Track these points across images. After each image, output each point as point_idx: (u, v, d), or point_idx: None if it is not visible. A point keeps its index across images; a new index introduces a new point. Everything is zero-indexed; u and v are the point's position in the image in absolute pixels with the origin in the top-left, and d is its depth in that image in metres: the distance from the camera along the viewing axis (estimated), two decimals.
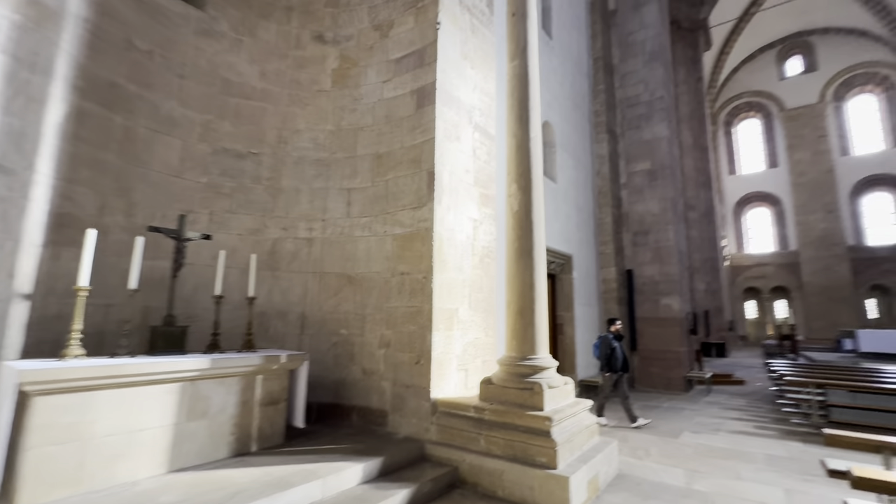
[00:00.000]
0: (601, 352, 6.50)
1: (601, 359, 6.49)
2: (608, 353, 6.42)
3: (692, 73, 20.99)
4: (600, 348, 6.54)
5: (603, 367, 6.47)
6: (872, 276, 25.35)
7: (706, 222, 19.54)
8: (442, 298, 4.39)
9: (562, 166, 8.57)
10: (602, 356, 6.47)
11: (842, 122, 27.41)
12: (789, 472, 4.19)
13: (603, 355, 6.46)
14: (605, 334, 6.66)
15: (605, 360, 6.43)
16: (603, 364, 6.47)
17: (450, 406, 4.08)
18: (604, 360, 6.44)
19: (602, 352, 6.48)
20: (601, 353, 6.50)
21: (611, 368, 6.39)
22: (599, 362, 6.56)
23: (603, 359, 6.46)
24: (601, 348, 6.52)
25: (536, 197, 4.30)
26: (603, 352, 6.46)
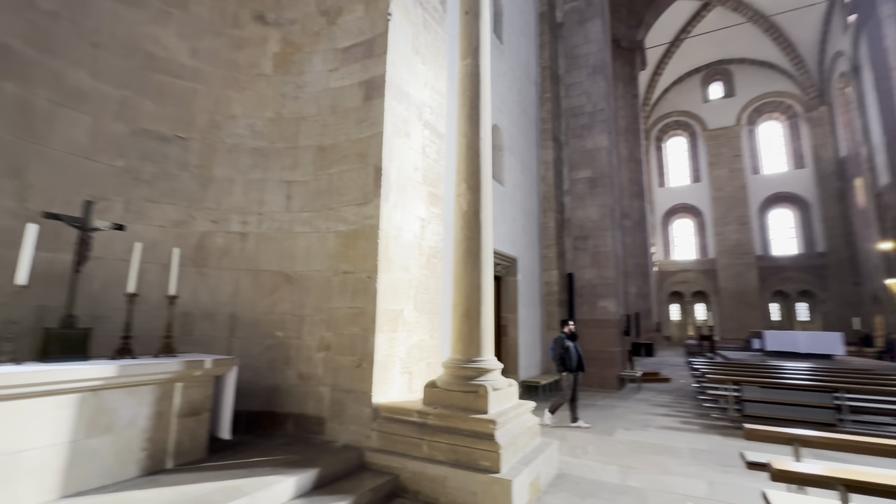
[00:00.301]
0: (555, 352, 6.56)
1: (556, 359, 6.55)
2: (562, 353, 6.49)
3: (629, 89, 22.34)
4: (555, 349, 6.60)
5: (559, 367, 6.52)
6: (775, 282, 28.46)
7: (638, 230, 20.85)
8: (387, 299, 4.23)
9: (509, 170, 8.70)
10: (556, 357, 6.54)
11: (754, 144, 30.57)
12: (711, 465, 4.48)
13: (557, 356, 6.53)
14: (559, 335, 6.73)
15: (559, 361, 6.49)
16: (558, 364, 6.52)
17: (392, 411, 3.92)
18: (558, 360, 6.51)
19: (556, 352, 6.55)
20: (555, 354, 6.56)
21: (566, 368, 6.44)
22: (556, 363, 6.61)
23: (557, 359, 6.52)
24: (555, 349, 6.58)
25: (485, 197, 4.27)
26: (557, 352, 6.53)
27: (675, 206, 32.14)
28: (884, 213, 21.39)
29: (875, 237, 22.23)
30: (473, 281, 4.06)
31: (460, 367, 3.90)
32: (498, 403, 3.78)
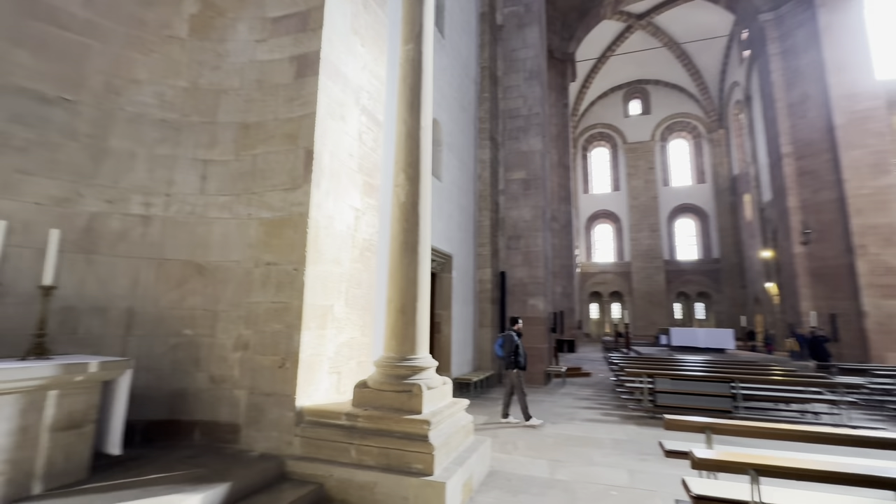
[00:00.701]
0: (507, 349, 6.47)
1: (507, 356, 6.47)
2: (513, 350, 6.45)
3: (560, 98, 23.46)
4: (505, 346, 6.52)
5: (509, 364, 6.45)
6: (679, 284, 31.65)
7: (565, 233, 22.00)
8: (315, 294, 3.90)
9: (447, 166, 8.63)
10: (507, 354, 6.47)
11: (665, 159, 33.72)
12: (631, 454, 4.73)
13: (508, 353, 6.46)
14: (509, 332, 6.68)
15: (512, 358, 6.44)
16: (509, 362, 6.45)
17: (318, 414, 3.62)
18: (510, 357, 6.45)
19: (507, 349, 6.48)
20: (507, 351, 6.47)
21: (517, 365, 6.44)
22: (504, 360, 6.53)
23: (509, 356, 6.45)
24: (506, 346, 6.50)
25: (424, 189, 4.11)
26: (508, 349, 6.46)
27: (598, 212, 34.46)
28: (765, 225, 24.69)
29: (758, 246, 25.59)
30: (410, 275, 3.88)
31: (393, 366, 3.71)
32: (432, 402, 3.65)
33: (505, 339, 6.62)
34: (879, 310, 15.54)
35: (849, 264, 16.17)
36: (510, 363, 6.45)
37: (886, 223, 15.89)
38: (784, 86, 18.60)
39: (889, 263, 15.64)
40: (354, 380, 4.33)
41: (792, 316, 18.43)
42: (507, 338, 6.60)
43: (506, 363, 6.54)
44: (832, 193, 16.88)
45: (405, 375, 3.65)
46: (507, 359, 6.48)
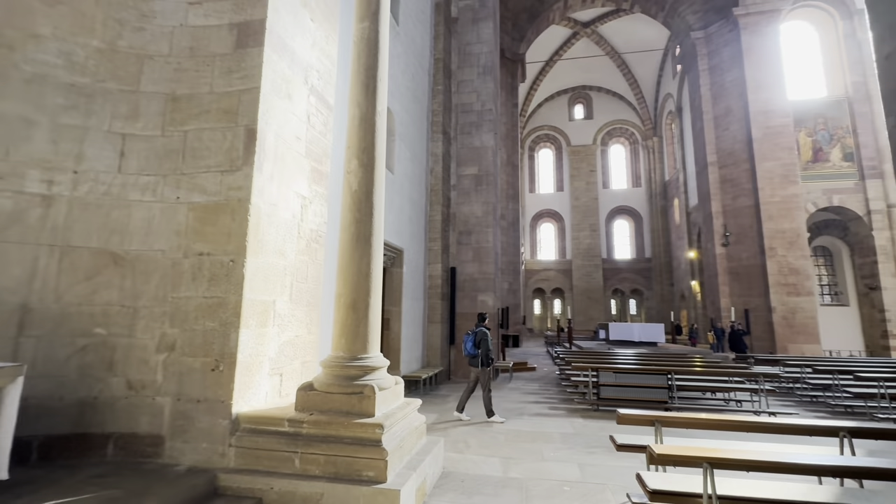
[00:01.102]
0: (483, 346, 6.31)
1: (483, 353, 6.31)
2: (488, 349, 6.32)
3: (510, 98, 23.84)
4: (479, 343, 6.34)
5: (484, 361, 6.31)
6: (615, 282, 33.56)
7: (512, 230, 22.43)
8: (255, 288, 3.53)
9: (400, 158, 8.37)
10: (484, 351, 6.32)
11: (605, 162, 35.52)
12: (579, 448, 4.81)
13: (484, 350, 6.31)
14: (482, 328, 6.50)
15: (486, 356, 6.31)
16: (484, 358, 6.31)
17: (257, 421, 3.28)
18: (485, 354, 6.32)
19: (483, 346, 6.32)
20: (483, 348, 6.30)
21: (488, 363, 6.32)
22: (478, 358, 6.34)
23: (484, 353, 6.32)
24: (482, 343, 6.33)
25: (378, 177, 3.86)
26: (484, 347, 6.32)
27: (542, 211, 35.61)
28: (691, 228, 26.81)
29: (685, 247, 27.75)
30: (362, 269, 3.63)
31: (343, 366, 3.44)
32: (384, 404, 3.43)
33: (479, 335, 6.45)
34: (784, 305, 17.35)
35: (761, 264, 17.88)
36: (483, 360, 6.33)
37: (791, 228, 17.74)
38: (711, 99, 20.16)
39: (793, 264, 17.49)
40: (299, 382, 4.00)
41: (712, 311, 20.15)
42: (481, 334, 6.43)
43: (482, 361, 6.36)
44: (749, 200, 18.56)
45: (356, 376, 3.41)
46: (482, 356, 6.33)
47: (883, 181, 19.74)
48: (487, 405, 6.20)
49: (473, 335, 6.50)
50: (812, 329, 17.03)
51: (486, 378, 6.31)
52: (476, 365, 6.37)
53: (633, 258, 33.65)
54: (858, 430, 3.05)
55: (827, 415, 6.62)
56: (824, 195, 20.32)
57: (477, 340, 6.39)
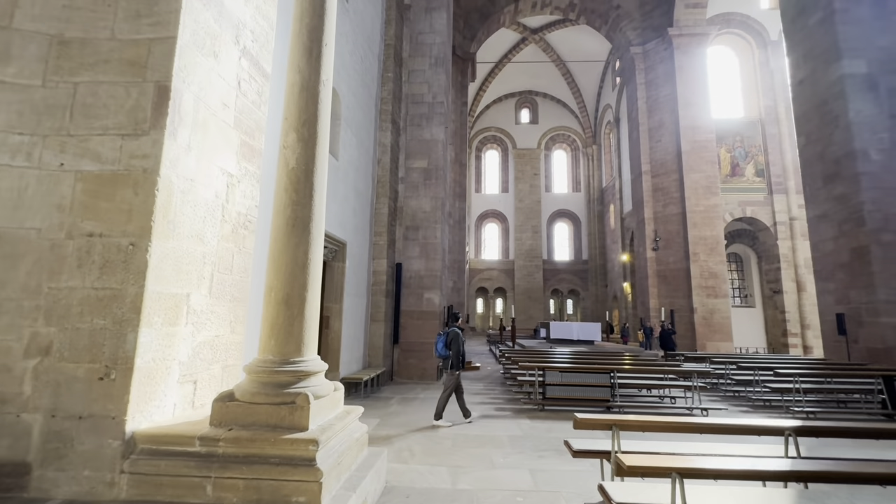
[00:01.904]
0: (455, 348, 5.95)
1: (455, 355, 5.96)
2: (459, 351, 5.99)
3: (460, 96, 23.73)
4: (452, 344, 5.98)
5: (455, 364, 5.96)
6: (554, 282, 34.78)
7: (458, 229, 22.34)
8: (163, 278, 2.92)
9: (345, 144, 7.80)
10: (455, 353, 5.96)
11: (548, 167, 36.70)
12: (529, 452, 4.63)
13: (456, 352, 5.96)
14: (454, 329, 6.13)
15: (457, 358, 5.96)
16: (455, 361, 5.96)
17: (159, 440, 2.69)
18: (456, 356, 5.96)
19: (455, 348, 5.97)
20: (455, 350, 5.95)
21: (460, 365, 5.99)
22: (449, 360, 6.01)
23: (455, 355, 5.96)
24: (454, 344, 5.97)
25: (321, 154, 3.38)
26: (455, 347, 5.97)
27: (487, 212, 36.05)
28: (625, 233, 28.40)
29: (619, 250, 29.35)
30: (299, 259, 3.14)
31: (272, 371, 2.94)
32: (321, 415, 2.98)
33: (450, 335, 6.07)
34: (704, 307, 18.76)
35: (685, 268, 19.21)
36: (453, 362, 5.99)
37: (712, 235, 19.22)
38: (647, 112, 21.37)
39: (712, 269, 18.96)
40: (218, 390, 3.42)
41: (642, 311, 21.40)
42: (452, 334, 6.07)
43: (453, 363, 6.02)
44: (677, 208, 19.86)
45: (287, 383, 2.92)
46: (453, 357, 5.98)
47: (787, 196, 22.07)
48: (440, 407, 5.91)
49: (445, 335, 6.16)
50: (726, 328, 18.59)
51: (453, 381, 6.01)
52: (452, 368, 6.05)
53: (571, 260, 35.07)
54: (802, 429, 3.09)
55: (749, 409, 7.05)
56: (739, 206, 22.34)
57: (448, 341, 6.06)
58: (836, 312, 10.37)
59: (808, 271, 21.71)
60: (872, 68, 10.43)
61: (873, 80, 10.39)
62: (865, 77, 10.47)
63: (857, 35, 10.71)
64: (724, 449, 3.22)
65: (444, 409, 5.90)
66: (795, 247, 21.72)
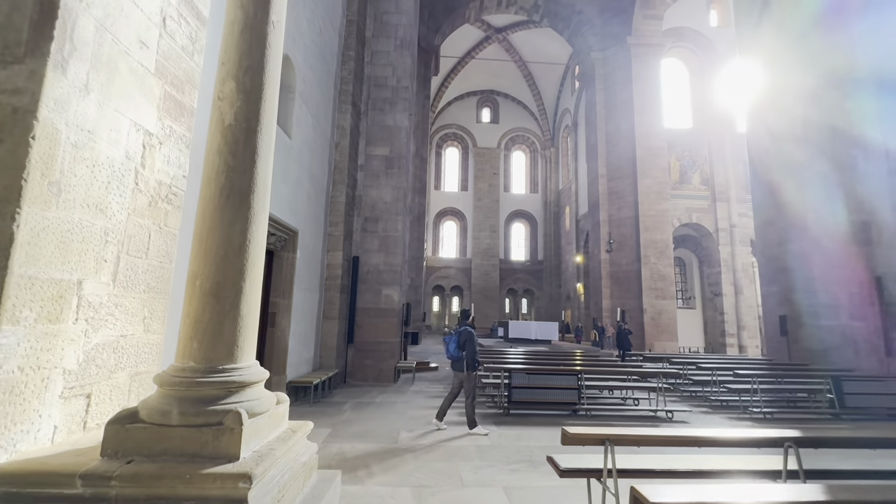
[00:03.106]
0: (469, 348, 5.46)
1: (468, 356, 5.46)
2: (475, 351, 5.49)
3: (423, 89, 23.14)
4: (466, 344, 5.49)
5: (471, 365, 5.47)
6: (510, 282, 35.05)
7: (418, 225, 21.77)
8: (40, 258, 2.17)
9: (300, 121, 7.02)
10: (470, 353, 5.47)
11: (507, 167, 36.93)
12: (500, 465, 4.19)
13: (471, 352, 5.47)
14: (465, 327, 5.64)
15: (472, 358, 5.47)
16: (471, 362, 5.47)
17: (21, 479, 1.95)
18: (472, 357, 5.46)
19: (469, 348, 5.48)
20: (469, 350, 5.45)
21: (475, 367, 5.50)
22: (464, 361, 5.50)
23: (471, 356, 5.47)
24: (468, 344, 5.48)
25: (267, 113, 2.72)
26: (470, 348, 5.47)
27: (446, 209, 35.71)
28: (580, 235, 29.05)
29: (573, 252, 29.99)
30: (234, 239, 2.48)
31: (194, 383, 2.26)
32: (259, 437, 2.35)
33: (463, 335, 5.58)
34: (653, 307, 19.40)
35: (637, 270, 19.78)
36: (469, 363, 5.50)
37: (662, 239, 19.93)
38: (605, 117, 21.84)
39: (661, 272, 19.66)
40: (125, 404, 2.68)
41: (595, 311, 21.88)
42: (465, 335, 5.57)
43: (468, 364, 5.52)
44: (630, 212, 20.42)
45: (213, 398, 2.26)
46: (468, 359, 5.49)
47: (728, 205, 23.39)
48: (470, 414, 5.42)
49: (457, 335, 5.69)
50: (673, 329, 19.35)
51: (472, 384, 5.52)
52: (460, 369, 5.58)
53: (527, 260, 35.50)
54: (802, 440, 2.85)
55: (708, 409, 7.07)
56: (686, 213, 23.42)
57: (461, 341, 5.59)
58: (780, 314, 10.88)
59: (745, 276, 23.17)
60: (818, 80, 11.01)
61: (818, 91, 10.97)
62: (812, 88, 11.04)
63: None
64: (721, 463, 2.93)
65: (474, 413, 5.46)
66: (734, 252, 23.08)
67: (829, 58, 10.88)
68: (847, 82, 10.72)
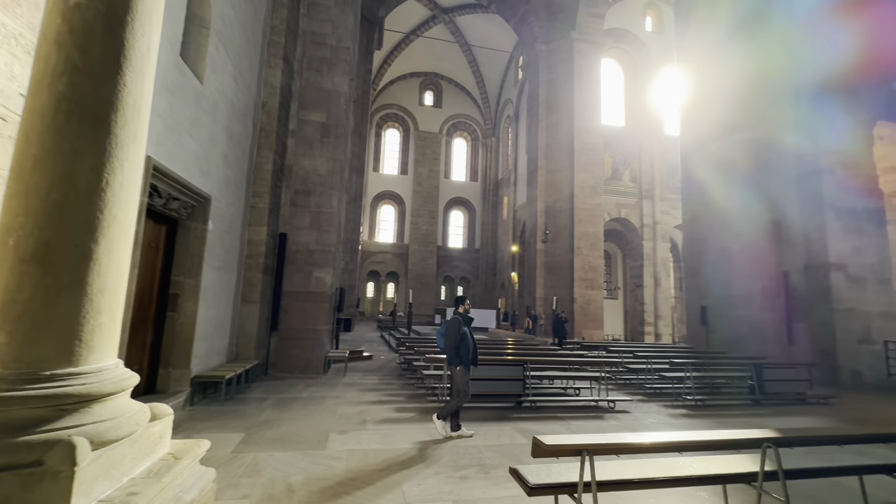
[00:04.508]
0: (448, 340, 4.78)
1: (449, 349, 4.78)
2: (457, 341, 4.76)
3: (364, 62, 21.74)
4: (447, 335, 4.82)
5: (452, 359, 4.78)
6: (447, 269, 34.88)
7: (354, 206, 20.57)
8: None
9: (216, 65, 5.84)
10: (450, 346, 4.76)
11: (449, 153, 36.44)
12: (447, 471, 3.66)
13: (451, 344, 4.75)
14: (455, 317, 4.93)
15: (454, 351, 4.74)
16: (452, 355, 4.76)
17: None
18: (452, 349, 4.74)
19: (450, 340, 4.77)
20: (448, 342, 4.78)
21: (461, 360, 4.77)
22: (448, 354, 4.83)
23: (451, 349, 4.75)
24: (448, 335, 4.80)
25: (149, 5, 1.86)
26: (451, 340, 4.76)
27: (384, 192, 34.51)
28: (516, 225, 29.50)
29: (509, 241, 30.44)
30: (81, 178, 1.63)
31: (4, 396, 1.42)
32: (112, 475, 1.56)
33: (451, 326, 4.86)
34: (583, 297, 20.10)
35: (570, 261, 20.35)
36: (455, 358, 4.79)
37: (594, 232, 20.65)
38: (546, 109, 22.04)
39: (592, 263, 20.40)
40: None
41: (529, 300, 22.31)
42: (453, 325, 4.85)
43: (450, 358, 4.83)
44: (566, 204, 20.89)
45: (32, 422, 1.44)
46: (450, 351, 4.79)
47: (653, 202, 24.90)
48: (445, 410, 4.75)
49: (445, 326, 5.00)
50: (600, 318, 20.23)
51: (461, 380, 4.79)
52: (451, 364, 4.87)
53: (464, 248, 35.53)
54: (781, 441, 2.62)
55: (644, 397, 7.14)
56: (616, 208, 24.58)
57: (450, 333, 4.88)
58: (701, 305, 11.57)
59: (663, 269, 24.93)
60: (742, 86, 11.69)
61: (742, 96, 11.66)
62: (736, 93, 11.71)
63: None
64: (698, 467, 2.62)
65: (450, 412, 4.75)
66: (656, 247, 24.69)
67: (751, 65, 11.57)
68: (767, 88, 11.49)
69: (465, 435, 4.67)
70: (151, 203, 4.57)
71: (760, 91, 11.42)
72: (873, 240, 10.44)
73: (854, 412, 6.56)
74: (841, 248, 10.23)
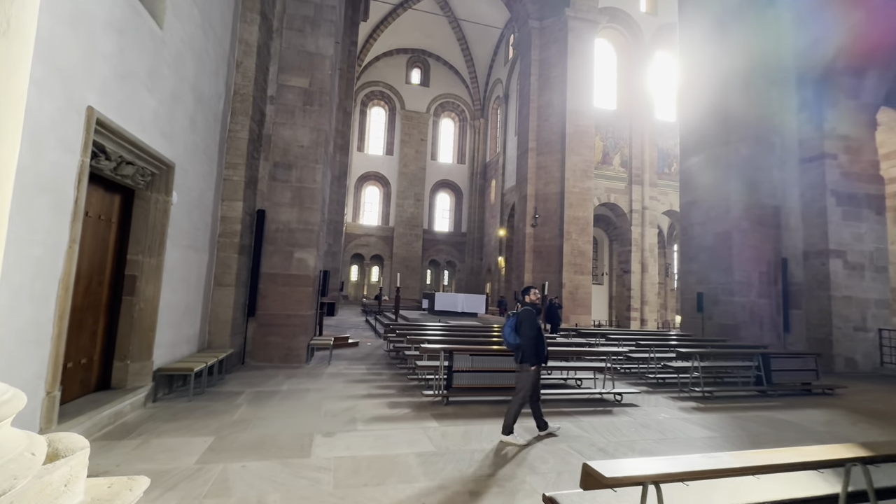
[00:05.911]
0: (525, 334, 3.99)
1: (525, 346, 4.00)
2: (535, 336, 4.01)
3: (349, 34, 20.57)
4: (522, 329, 4.02)
5: (530, 357, 4.02)
6: (432, 252, 34.28)
7: (338, 185, 19.69)
8: None
9: (178, 10, 5.00)
10: (527, 342, 4.00)
11: (436, 134, 35.45)
12: (452, 483, 3.14)
13: (529, 341, 3.99)
14: (526, 308, 4.17)
15: (532, 348, 3.99)
16: (529, 353, 4.01)
17: None
18: (531, 346, 3.99)
19: (526, 334, 4.00)
20: (526, 337, 3.99)
21: (539, 359, 4.06)
22: (521, 352, 4.06)
23: (530, 345, 3.99)
24: (524, 329, 4.01)
25: None
26: (528, 334, 4.00)
27: (369, 173, 33.47)
28: (504, 208, 28.99)
29: (496, 225, 29.95)
30: None
31: None
32: None
33: (521, 318, 4.13)
34: (571, 282, 19.84)
35: (559, 246, 20.00)
36: (534, 357, 4.07)
37: (583, 216, 20.30)
38: (538, 90, 21.34)
39: (581, 248, 20.09)
40: None
41: (517, 285, 21.94)
42: (526, 317, 4.13)
43: (524, 356, 4.09)
44: (556, 188, 20.43)
45: None
46: (528, 348, 4.06)
47: (643, 188, 24.64)
48: (510, 417, 4.06)
49: (515, 318, 4.24)
50: (588, 303, 20.04)
51: (527, 381, 4.09)
52: (518, 360, 4.16)
53: (450, 231, 34.93)
54: (867, 458, 2.16)
55: (648, 388, 6.78)
56: (605, 192, 24.24)
57: (517, 323, 4.17)
58: (697, 291, 11.30)
59: (650, 255, 24.86)
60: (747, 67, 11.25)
61: (746, 77, 11.23)
62: (741, 73, 11.28)
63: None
64: (764, 490, 2.14)
65: (514, 419, 4.08)
66: (644, 233, 24.54)
67: (757, 46, 11.12)
68: (773, 70, 11.08)
69: (519, 443, 4.00)
70: (97, 166, 3.81)
71: (762, 72, 11.00)
72: (872, 227, 10.26)
73: (866, 405, 6.32)
74: (841, 235, 10.03)
